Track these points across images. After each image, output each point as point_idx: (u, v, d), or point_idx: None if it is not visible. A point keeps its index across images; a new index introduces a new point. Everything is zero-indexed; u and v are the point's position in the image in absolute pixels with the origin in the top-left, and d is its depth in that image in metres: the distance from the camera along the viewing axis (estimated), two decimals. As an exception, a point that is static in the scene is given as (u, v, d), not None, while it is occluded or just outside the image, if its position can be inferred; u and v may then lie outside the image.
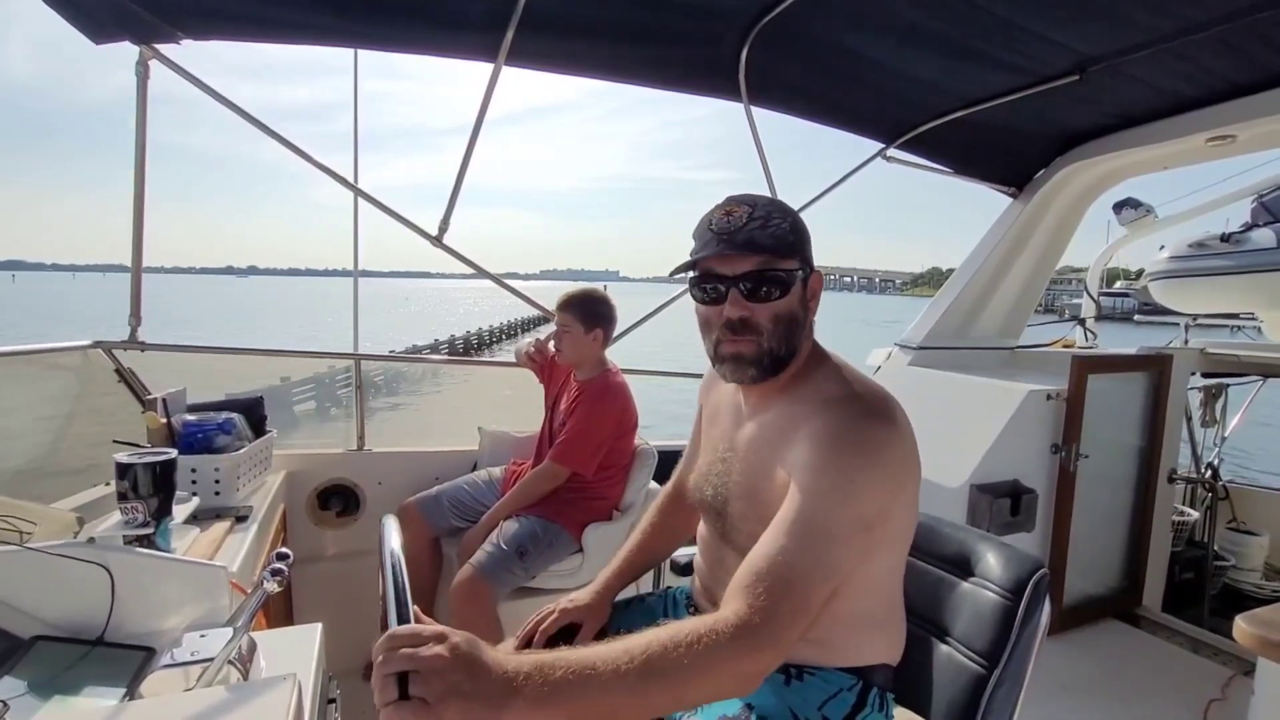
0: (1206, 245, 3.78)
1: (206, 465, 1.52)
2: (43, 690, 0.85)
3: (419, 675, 0.58)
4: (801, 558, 0.77)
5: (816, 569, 0.77)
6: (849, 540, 0.79)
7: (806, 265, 0.91)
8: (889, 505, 0.82)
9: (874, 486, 0.81)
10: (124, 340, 1.87)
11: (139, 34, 1.72)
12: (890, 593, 0.95)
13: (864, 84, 2.32)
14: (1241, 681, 2.04)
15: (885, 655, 0.94)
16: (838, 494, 0.79)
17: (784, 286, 0.88)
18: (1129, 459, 2.57)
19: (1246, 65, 1.97)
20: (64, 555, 0.97)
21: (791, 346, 0.91)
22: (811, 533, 0.78)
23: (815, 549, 0.77)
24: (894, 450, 0.83)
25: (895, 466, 0.83)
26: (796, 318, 0.90)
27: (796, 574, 0.76)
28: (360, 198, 2.11)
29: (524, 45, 1.90)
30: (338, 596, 2.02)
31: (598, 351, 2.05)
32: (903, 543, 0.92)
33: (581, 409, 1.96)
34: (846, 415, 0.84)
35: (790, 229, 0.89)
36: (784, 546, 0.78)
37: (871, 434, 0.82)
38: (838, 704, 0.90)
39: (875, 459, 0.81)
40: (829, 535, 0.78)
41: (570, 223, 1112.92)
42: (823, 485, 0.80)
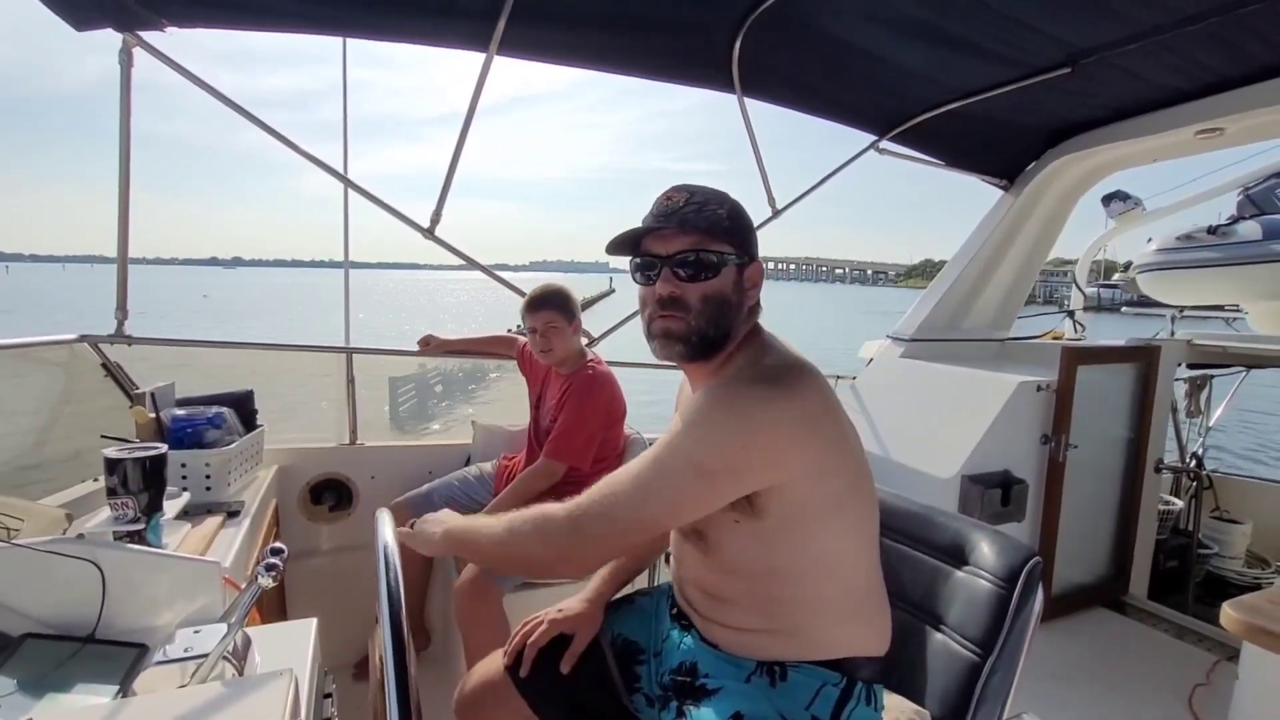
0: (1194, 238, 3.82)
1: (197, 460, 1.50)
2: (33, 689, 0.84)
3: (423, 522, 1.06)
4: (623, 478, 0.87)
5: (633, 491, 0.85)
6: (680, 478, 0.84)
7: (744, 253, 0.94)
8: (750, 465, 0.83)
9: (724, 438, 0.82)
10: (110, 334, 1.84)
11: (122, 21, 1.68)
12: (862, 581, 0.94)
13: (857, 76, 2.31)
14: (1225, 666, 2.08)
15: (867, 647, 0.93)
16: (681, 435, 0.85)
17: (714, 268, 0.91)
18: (1117, 449, 2.60)
19: (1236, 58, 1.98)
20: (53, 552, 0.96)
21: (722, 328, 0.92)
22: (646, 461, 0.86)
23: (641, 475, 0.86)
24: (767, 412, 0.82)
25: (765, 428, 0.82)
26: (728, 300, 0.92)
27: (614, 492, 0.86)
28: (351, 189, 2.08)
29: (516, 35, 1.88)
30: (332, 591, 2.01)
31: (579, 344, 2.06)
32: (851, 521, 0.91)
33: (572, 402, 1.94)
34: (734, 379, 0.89)
35: (727, 216, 0.92)
36: (624, 469, 0.88)
37: (745, 393, 0.85)
38: (822, 701, 0.89)
39: (734, 414, 0.83)
40: (661, 468, 0.85)
41: (558, 214, 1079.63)
42: (676, 426, 0.88)
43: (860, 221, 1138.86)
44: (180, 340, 2.01)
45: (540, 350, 2.00)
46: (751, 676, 0.92)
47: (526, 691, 1.06)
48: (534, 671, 1.07)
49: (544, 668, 1.07)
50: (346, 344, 2.22)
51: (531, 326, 1.98)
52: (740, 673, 0.92)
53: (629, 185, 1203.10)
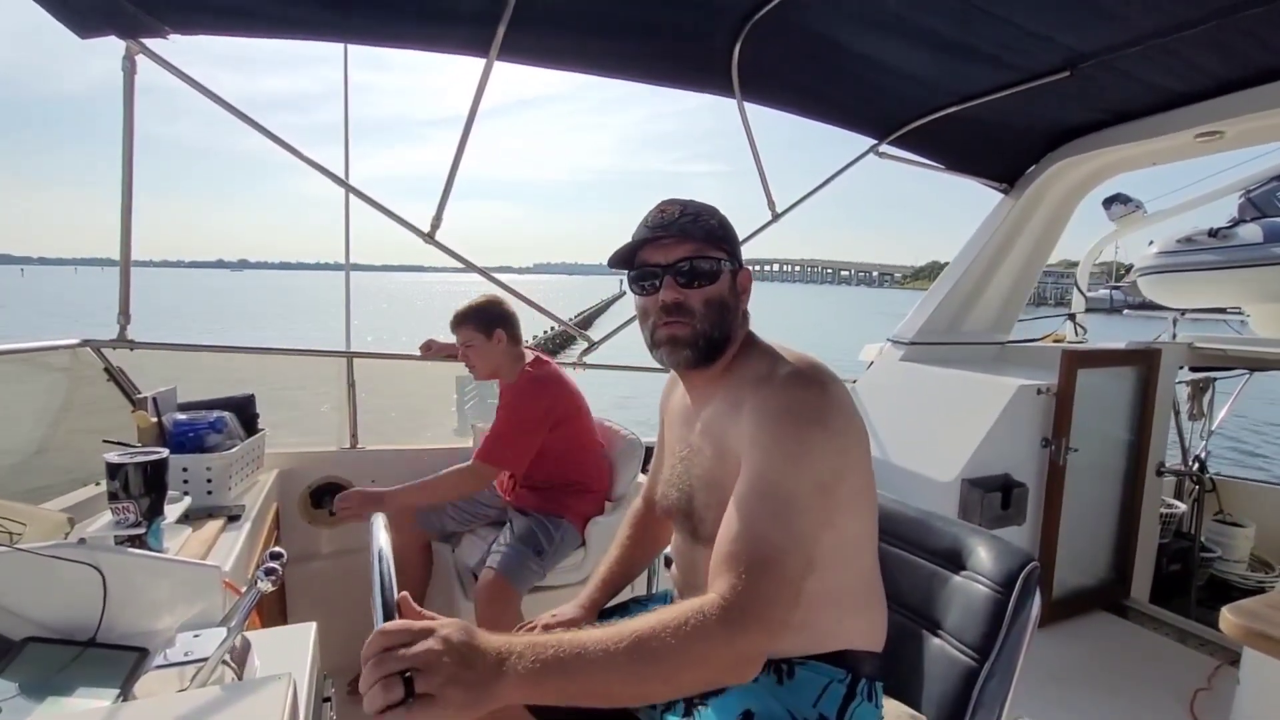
0: (1195, 240, 3.82)
1: (198, 464, 1.51)
2: (35, 692, 0.85)
3: (419, 672, 0.58)
4: (771, 530, 0.78)
5: (788, 539, 0.78)
6: (810, 505, 0.81)
7: (735, 260, 0.98)
8: (839, 466, 0.85)
9: (822, 448, 0.83)
10: (113, 339, 1.85)
11: (126, 29, 1.70)
12: (864, 571, 0.96)
13: (856, 80, 2.32)
14: (1227, 671, 2.07)
15: (868, 640, 0.95)
16: (790, 461, 0.82)
17: (713, 274, 0.94)
18: (1118, 452, 2.60)
19: (1235, 62, 1.98)
20: (55, 556, 0.97)
21: (724, 331, 0.96)
22: (775, 504, 0.80)
23: (782, 519, 0.79)
24: (834, 411, 0.86)
25: (838, 427, 0.85)
26: (727, 304, 0.96)
27: (771, 548, 0.77)
28: (352, 194, 2.10)
29: (516, 40, 1.89)
30: (332, 595, 2.02)
31: (508, 353, 2.00)
32: (866, 509, 0.94)
33: (504, 407, 1.95)
34: (782, 386, 0.88)
35: (718, 225, 0.96)
36: (751, 522, 0.79)
37: (809, 398, 0.86)
38: (829, 698, 0.91)
39: (817, 421, 0.84)
40: (792, 503, 0.80)
41: (561, 215, 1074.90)
42: (774, 456, 0.82)
43: (864, 223, 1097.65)
44: (182, 345, 2.02)
45: (468, 368, 2.01)
46: (759, 675, 0.92)
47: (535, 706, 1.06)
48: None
49: None
50: (347, 348, 2.23)
51: (458, 344, 1.99)
52: None
53: (632, 186, 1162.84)
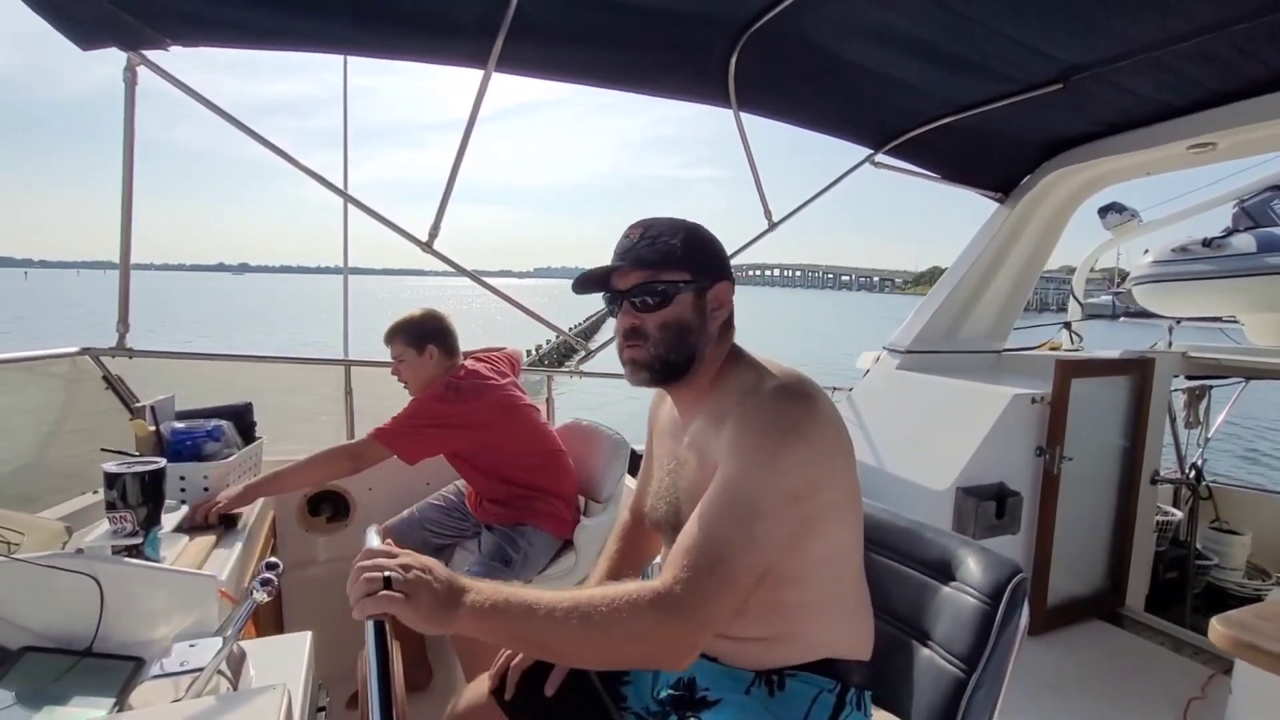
0: (1189, 250, 3.84)
1: (195, 473, 1.52)
2: (31, 701, 0.86)
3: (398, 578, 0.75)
4: (726, 532, 0.81)
5: (742, 544, 0.80)
6: (777, 515, 0.82)
7: (703, 276, 0.97)
8: (817, 477, 0.86)
9: (797, 459, 0.84)
10: (112, 347, 1.86)
11: (127, 41, 1.72)
12: (851, 581, 0.97)
13: (852, 91, 2.34)
14: (1220, 680, 2.08)
15: (856, 649, 0.96)
16: (760, 469, 0.83)
17: (667, 297, 0.95)
18: (1113, 461, 2.61)
19: (1226, 75, 2.00)
20: (52, 566, 0.97)
21: (684, 352, 0.96)
22: (736, 508, 0.82)
23: (741, 524, 0.81)
24: (814, 424, 0.86)
25: (818, 440, 0.86)
26: (686, 325, 0.96)
27: (722, 549, 0.80)
28: (350, 204, 2.11)
29: (514, 52, 1.91)
30: (329, 603, 2.01)
31: (440, 368, 1.96)
32: (851, 521, 0.94)
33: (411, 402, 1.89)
34: (764, 399, 0.89)
35: (680, 244, 0.96)
36: (710, 522, 0.82)
37: (788, 410, 0.87)
38: (819, 708, 0.92)
39: (795, 433, 0.85)
40: (755, 510, 0.82)
41: (561, 220, 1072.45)
42: (745, 462, 0.84)
43: (864, 228, 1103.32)
44: (181, 353, 2.04)
45: (400, 382, 1.98)
46: (750, 688, 0.94)
47: (513, 714, 1.07)
48: (520, 694, 1.07)
49: (531, 690, 1.07)
50: (345, 356, 2.24)
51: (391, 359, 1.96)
52: (739, 684, 0.94)
53: (634, 192, 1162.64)
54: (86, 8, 1.57)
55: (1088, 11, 1.76)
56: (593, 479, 2.12)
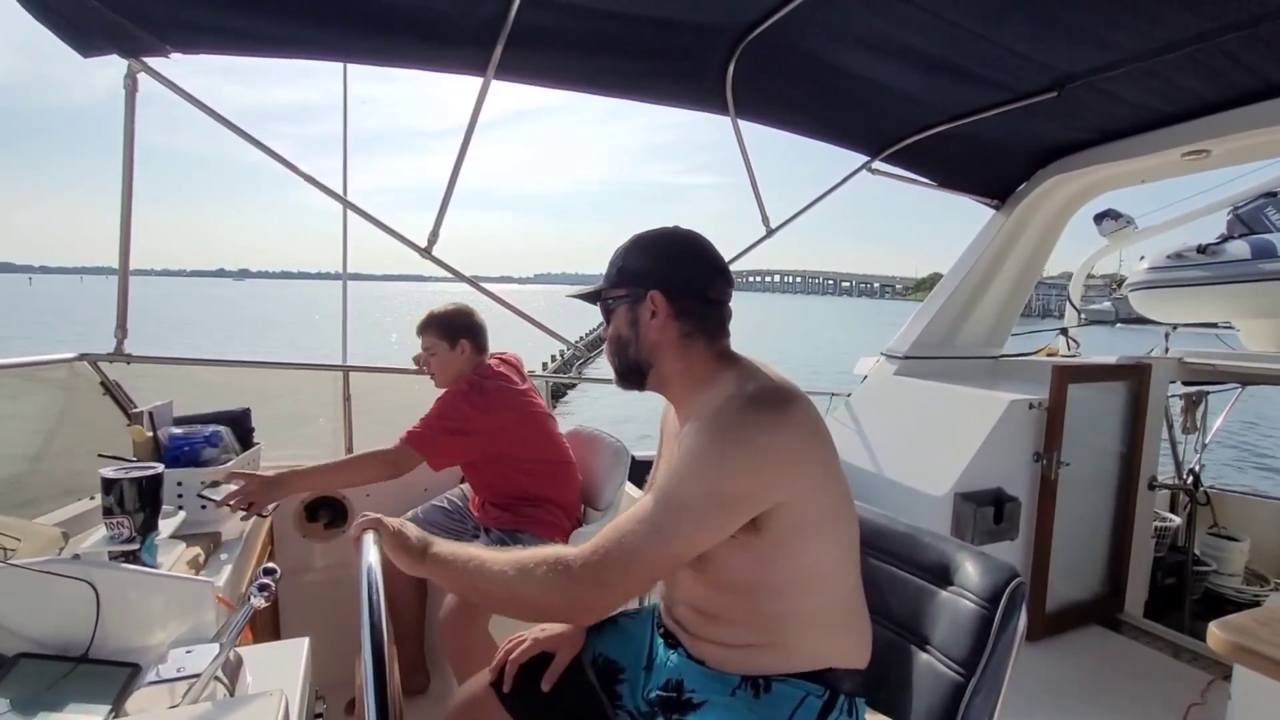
0: (1184, 256, 3.86)
1: (193, 479, 1.52)
2: (26, 708, 0.85)
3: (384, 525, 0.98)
4: (644, 518, 0.86)
5: (655, 531, 0.85)
6: (700, 511, 0.86)
7: (636, 288, 1.01)
8: (759, 488, 0.87)
9: (734, 465, 0.86)
10: (110, 353, 1.86)
11: (127, 48, 1.72)
12: (843, 592, 0.97)
13: (849, 99, 2.36)
14: (1220, 686, 2.07)
15: (849, 659, 0.96)
16: (694, 467, 0.87)
17: (609, 314, 1.05)
18: (1110, 466, 2.61)
19: (1219, 83, 2.02)
20: (49, 572, 0.97)
21: (626, 361, 1.04)
22: (661, 499, 0.87)
23: (660, 513, 0.86)
24: (769, 435, 0.87)
25: (771, 450, 0.87)
26: (622, 337, 1.03)
27: (634, 532, 0.86)
28: (350, 210, 2.12)
29: (513, 60, 1.92)
30: (326, 609, 2.01)
31: (470, 364, 1.96)
32: (841, 533, 0.95)
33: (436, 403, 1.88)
34: (726, 407, 0.91)
35: (619, 263, 1.03)
36: (636, 510, 0.88)
37: (744, 419, 0.88)
38: (805, 712, 0.92)
39: (738, 441, 0.87)
40: (678, 502, 0.86)
41: (560, 226, 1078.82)
42: (682, 461, 0.89)
43: (864, 234, 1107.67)
44: (179, 359, 2.03)
45: (429, 375, 1.99)
46: (736, 690, 0.94)
47: (512, 708, 1.08)
48: (519, 689, 1.08)
49: (529, 685, 1.09)
50: (343, 362, 2.24)
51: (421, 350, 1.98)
52: (725, 687, 0.95)
53: (632, 198, 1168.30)
54: (87, 15, 1.58)
55: (1081, 21, 1.78)
56: (593, 486, 2.11)
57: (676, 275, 1.01)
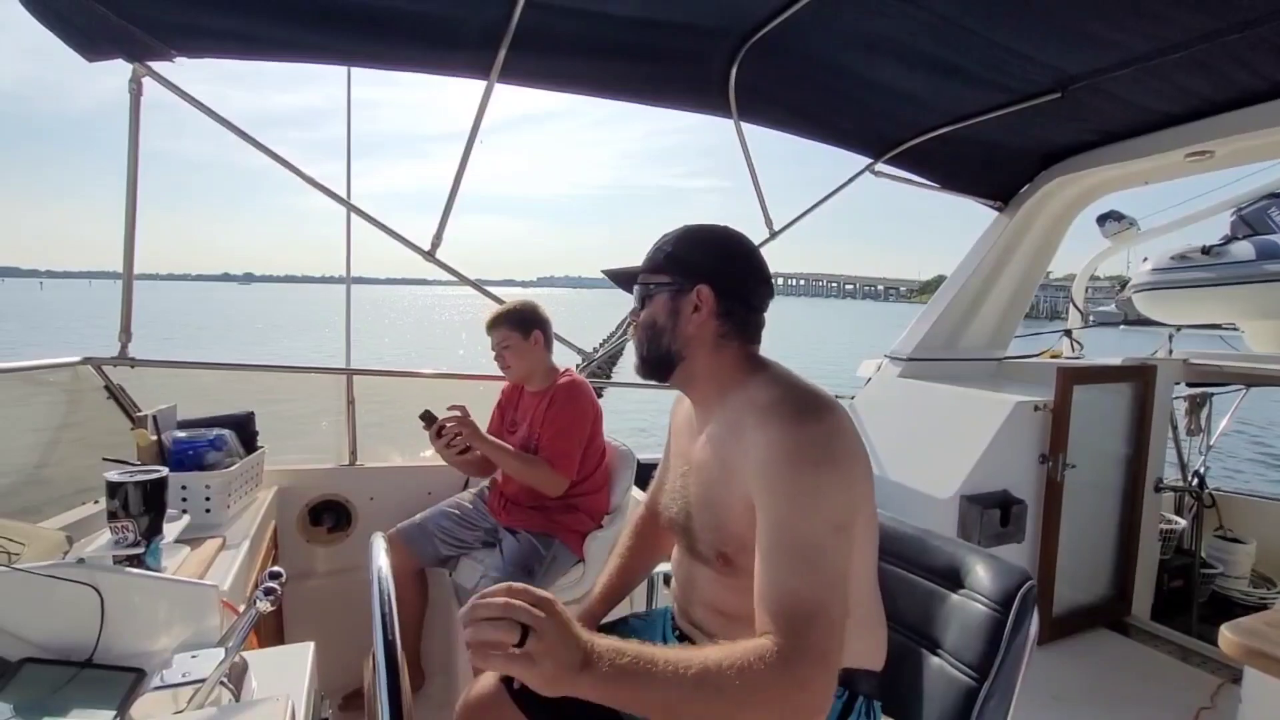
0: (1188, 257, 3.85)
1: (197, 483, 1.51)
2: (31, 713, 0.84)
3: (534, 631, 0.66)
4: (807, 580, 0.79)
5: (823, 586, 0.79)
6: (835, 547, 0.82)
7: (682, 278, 1.00)
8: (852, 501, 0.86)
9: (834, 485, 0.84)
10: (114, 356, 1.86)
11: (132, 52, 1.73)
12: (863, 594, 0.96)
13: (851, 101, 2.36)
14: (1230, 689, 2.06)
15: (867, 660, 0.96)
16: (809, 507, 0.82)
17: (647, 298, 1.03)
18: (1116, 468, 2.60)
19: (1222, 84, 2.02)
20: (53, 576, 0.96)
21: (656, 350, 1.01)
22: (803, 552, 0.80)
23: (815, 567, 0.80)
24: (840, 443, 0.86)
25: (845, 459, 0.86)
26: (658, 324, 1.01)
27: (810, 599, 0.78)
28: (353, 213, 2.12)
29: (516, 63, 1.92)
30: (329, 614, 2.00)
31: (543, 356, 2.03)
32: (868, 543, 0.94)
33: (557, 414, 1.92)
34: (787, 422, 0.87)
35: (669, 249, 1.02)
36: (785, 572, 0.80)
37: (818, 436, 0.86)
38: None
39: (830, 461, 0.85)
40: (819, 548, 0.80)
41: (563, 230, 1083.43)
42: (792, 503, 0.83)
43: (868, 237, 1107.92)
44: (183, 362, 2.03)
45: (502, 369, 2.03)
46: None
47: (524, 706, 1.07)
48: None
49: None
50: (347, 365, 2.24)
51: (492, 346, 2.01)
52: None
53: (634, 201, 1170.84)
54: (92, 19, 1.58)
55: (1084, 22, 1.78)
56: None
57: (728, 275, 1.01)
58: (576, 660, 0.68)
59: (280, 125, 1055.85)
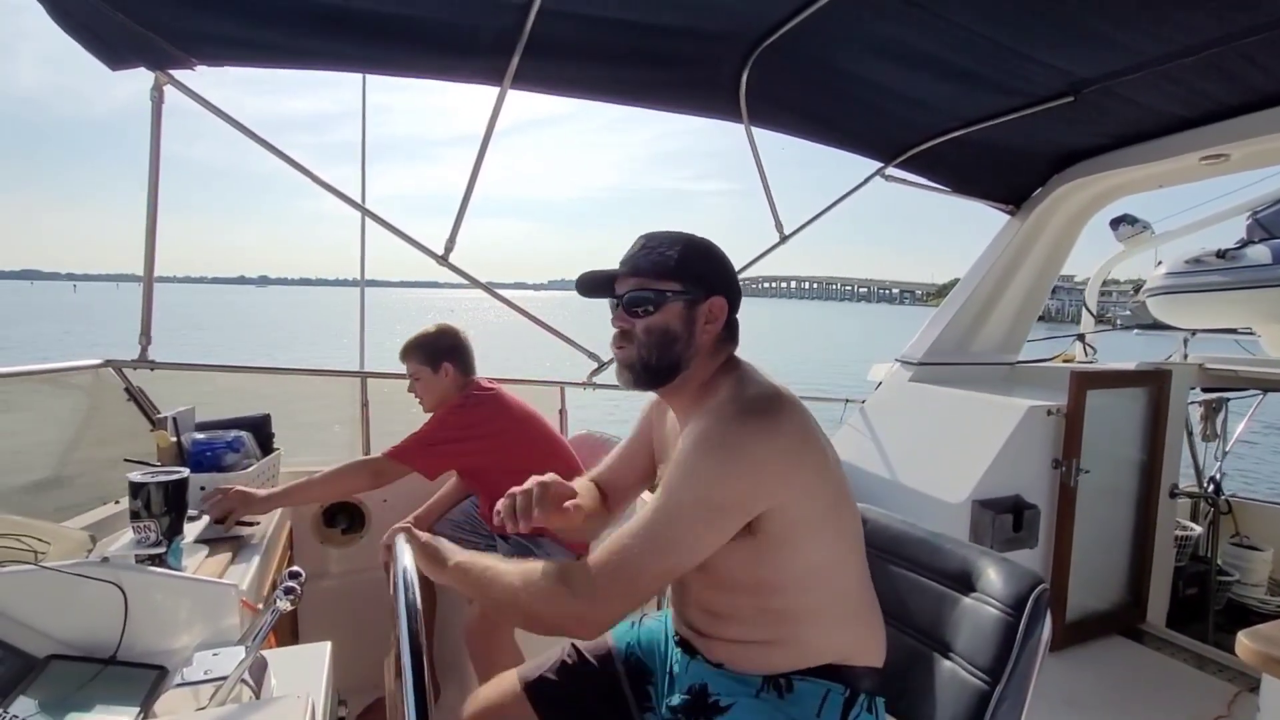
0: (1203, 261, 3.80)
1: (215, 484, 1.53)
2: (56, 710, 0.86)
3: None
4: (641, 530, 0.88)
5: (651, 543, 0.87)
6: (693, 520, 0.87)
7: (696, 289, 1.00)
8: (752, 494, 0.88)
9: (728, 473, 0.87)
10: (134, 359, 1.89)
11: (154, 61, 1.76)
12: (849, 587, 0.98)
13: (862, 105, 2.36)
14: (1246, 698, 2.03)
15: (864, 655, 0.97)
16: (686, 478, 0.88)
17: (655, 304, 1.00)
18: (1130, 474, 2.58)
19: (1237, 87, 2.01)
20: (78, 574, 0.99)
21: (667, 359, 1.00)
22: (655, 512, 0.88)
23: (656, 525, 0.88)
24: (762, 442, 0.89)
25: (758, 458, 0.88)
26: (672, 333, 1.00)
27: (631, 546, 0.87)
28: (368, 217, 2.14)
29: (529, 70, 1.94)
30: (342, 615, 2.02)
31: (455, 385, 1.96)
32: (833, 530, 0.95)
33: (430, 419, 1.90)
34: (719, 415, 0.92)
35: (676, 255, 1.00)
36: (634, 522, 0.89)
37: (736, 428, 0.89)
38: (830, 708, 0.93)
39: (729, 448, 0.88)
40: (671, 515, 0.88)
41: (572, 233, 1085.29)
42: (675, 472, 0.90)
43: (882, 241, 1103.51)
44: (201, 365, 2.06)
45: (417, 398, 1.98)
46: (760, 692, 0.95)
47: (538, 703, 1.09)
48: (546, 685, 1.09)
49: (556, 683, 1.09)
50: (361, 368, 2.26)
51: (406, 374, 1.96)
52: (749, 689, 0.96)
53: (643, 204, 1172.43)
54: (116, 29, 1.62)
55: (1097, 25, 1.77)
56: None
57: (730, 286, 1.04)
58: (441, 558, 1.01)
59: (292, 130, 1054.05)
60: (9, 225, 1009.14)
